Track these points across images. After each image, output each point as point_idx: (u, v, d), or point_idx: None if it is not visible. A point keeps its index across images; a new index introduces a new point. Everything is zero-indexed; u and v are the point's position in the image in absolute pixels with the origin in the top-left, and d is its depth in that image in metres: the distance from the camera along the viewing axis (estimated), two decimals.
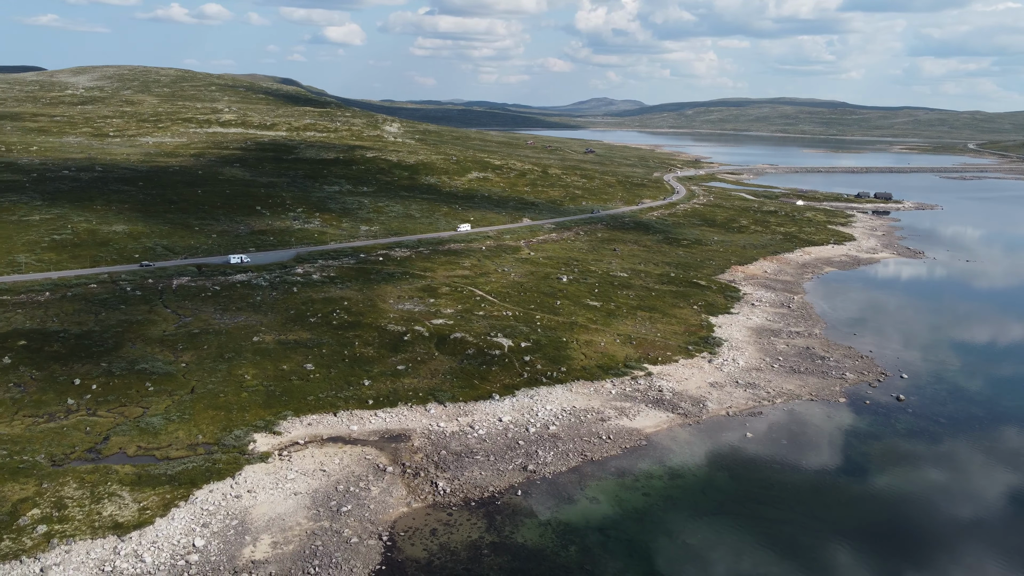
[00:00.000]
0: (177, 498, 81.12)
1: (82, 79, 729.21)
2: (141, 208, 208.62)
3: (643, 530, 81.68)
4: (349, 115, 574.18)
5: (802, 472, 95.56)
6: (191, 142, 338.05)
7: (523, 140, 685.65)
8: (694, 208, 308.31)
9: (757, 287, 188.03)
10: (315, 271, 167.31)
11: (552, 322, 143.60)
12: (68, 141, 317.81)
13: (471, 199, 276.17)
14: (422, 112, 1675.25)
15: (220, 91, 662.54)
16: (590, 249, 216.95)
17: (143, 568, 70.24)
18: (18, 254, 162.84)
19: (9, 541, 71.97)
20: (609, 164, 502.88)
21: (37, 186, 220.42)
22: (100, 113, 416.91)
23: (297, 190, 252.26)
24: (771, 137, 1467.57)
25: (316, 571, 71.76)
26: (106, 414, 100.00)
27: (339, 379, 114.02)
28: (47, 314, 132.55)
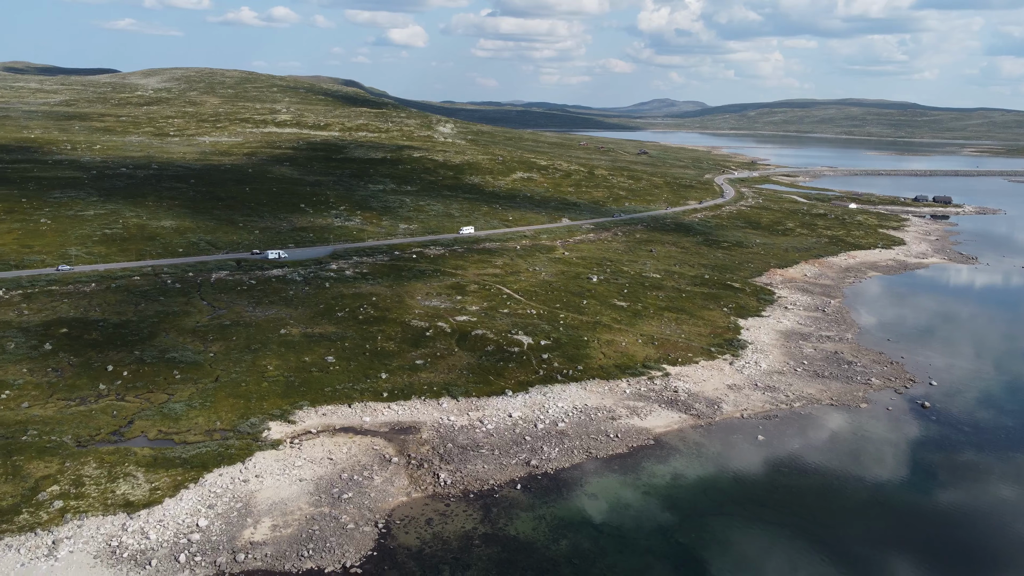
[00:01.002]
0: (188, 480, 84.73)
1: (152, 81, 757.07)
2: (190, 204, 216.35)
3: (638, 528, 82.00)
4: (404, 116, 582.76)
5: (809, 476, 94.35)
6: (246, 141, 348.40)
7: (576, 141, 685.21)
8: (740, 210, 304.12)
9: (793, 290, 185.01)
10: (349, 267, 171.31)
11: (576, 321, 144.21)
12: (130, 140, 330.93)
13: (513, 199, 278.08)
14: (480, 113, 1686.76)
15: (281, 92, 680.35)
16: (626, 250, 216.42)
17: (147, 545, 73.76)
18: (71, 247, 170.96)
19: (27, 514, 76.40)
20: (660, 165, 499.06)
21: (95, 183, 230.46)
22: (163, 113, 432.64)
23: (342, 189, 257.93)
24: (835, 139, 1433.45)
25: (310, 554, 74.27)
26: (133, 399, 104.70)
27: (358, 372, 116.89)
28: (91, 304, 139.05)
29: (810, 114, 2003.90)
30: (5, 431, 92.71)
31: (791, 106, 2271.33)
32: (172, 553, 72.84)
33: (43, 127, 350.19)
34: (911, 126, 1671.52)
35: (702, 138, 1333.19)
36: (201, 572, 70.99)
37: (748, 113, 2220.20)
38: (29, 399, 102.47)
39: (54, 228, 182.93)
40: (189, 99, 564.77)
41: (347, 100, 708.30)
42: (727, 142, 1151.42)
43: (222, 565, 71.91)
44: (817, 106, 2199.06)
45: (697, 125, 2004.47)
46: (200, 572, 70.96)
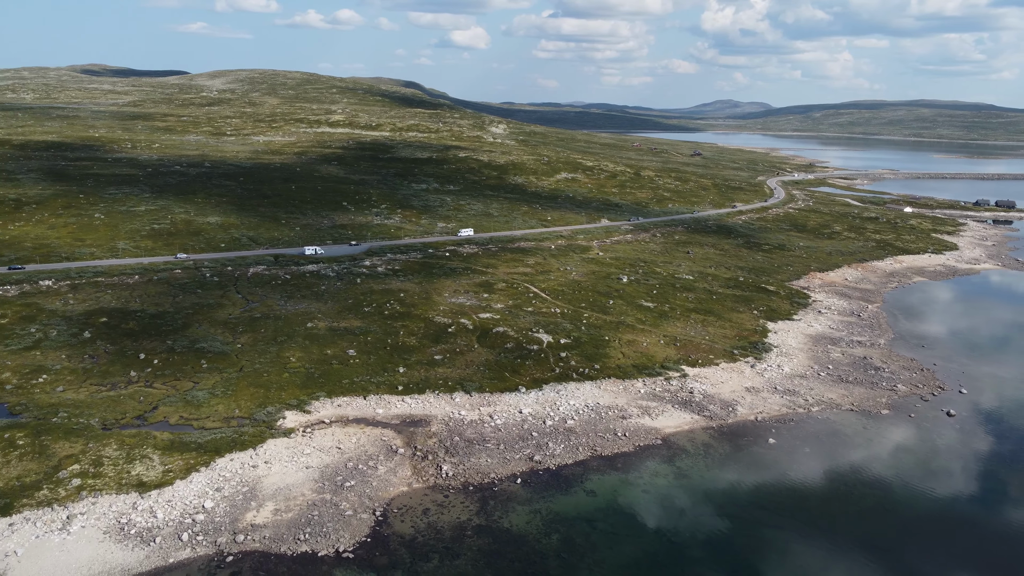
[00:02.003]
0: (200, 464, 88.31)
1: (217, 82, 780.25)
2: (237, 201, 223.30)
3: (632, 525, 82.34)
4: (457, 116, 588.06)
5: (816, 481, 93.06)
6: (298, 141, 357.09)
7: (630, 142, 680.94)
8: (787, 212, 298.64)
9: (831, 294, 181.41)
10: (381, 264, 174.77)
11: (599, 320, 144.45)
12: (188, 139, 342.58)
13: (554, 199, 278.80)
14: (538, 114, 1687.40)
15: (340, 93, 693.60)
16: (663, 251, 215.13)
17: (153, 523, 77.38)
18: (120, 241, 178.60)
19: (47, 490, 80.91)
20: (713, 167, 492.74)
21: (150, 180, 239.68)
22: (222, 114, 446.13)
23: (385, 188, 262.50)
24: (903, 142, 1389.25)
25: (306, 538, 76.85)
26: (160, 386, 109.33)
27: (376, 365, 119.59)
28: (132, 295, 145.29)
29: (878, 116, 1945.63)
30: (38, 412, 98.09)
31: (858, 107, 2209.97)
32: (176, 532, 76.28)
33: (108, 126, 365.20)
34: (985, 128, 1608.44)
35: (763, 140, 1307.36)
36: (201, 551, 74.20)
37: (813, 114, 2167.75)
38: (64, 383, 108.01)
39: (106, 223, 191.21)
40: (250, 100, 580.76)
41: (403, 101, 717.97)
42: (788, 144, 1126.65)
43: (222, 545, 75.00)
44: (886, 107, 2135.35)
45: (759, 127, 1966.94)
46: (200, 551, 74.18)
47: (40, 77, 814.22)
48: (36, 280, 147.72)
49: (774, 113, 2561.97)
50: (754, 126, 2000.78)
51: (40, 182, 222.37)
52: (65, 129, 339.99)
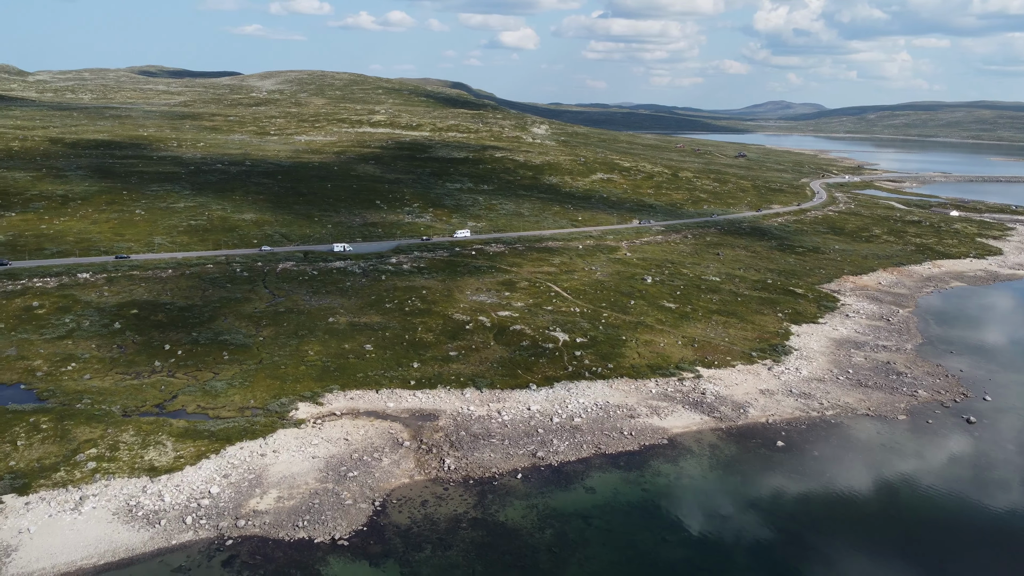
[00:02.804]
0: (210, 451, 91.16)
1: (267, 83, 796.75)
2: (273, 199, 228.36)
3: (628, 523, 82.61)
4: (500, 117, 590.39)
5: (819, 485, 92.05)
6: (339, 140, 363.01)
7: (674, 143, 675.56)
8: (826, 215, 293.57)
9: (861, 298, 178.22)
10: (407, 261, 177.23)
11: (618, 320, 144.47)
12: (232, 139, 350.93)
13: (587, 200, 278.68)
14: (584, 115, 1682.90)
15: (386, 94, 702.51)
16: (692, 252, 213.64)
17: (160, 506, 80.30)
18: (157, 236, 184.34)
19: (64, 472, 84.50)
20: (756, 169, 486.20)
21: (191, 177, 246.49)
22: (268, 114, 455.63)
23: (419, 187, 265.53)
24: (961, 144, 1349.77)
25: (304, 525, 78.94)
26: (182, 376, 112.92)
27: (392, 360, 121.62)
28: (163, 288, 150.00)
29: (935, 117, 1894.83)
30: (64, 398, 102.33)
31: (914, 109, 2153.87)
32: (181, 515, 79.05)
33: (157, 126, 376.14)
34: None
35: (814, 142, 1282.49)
36: (203, 534, 76.79)
37: (867, 116, 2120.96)
38: (91, 371, 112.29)
39: (146, 218, 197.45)
40: (297, 100, 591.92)
41: (447, 102, 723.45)
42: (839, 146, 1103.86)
43: (223, 529, 77.50)
44: (943, 109, 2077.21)
45: (811, 128, 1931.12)
46: (202, 534, 76.77)
47: (100, 79, 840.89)
48: (75, 273, 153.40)
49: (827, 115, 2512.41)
50: (806, 128, 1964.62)
51: (87, 179, 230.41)
52: (116, 128, 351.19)
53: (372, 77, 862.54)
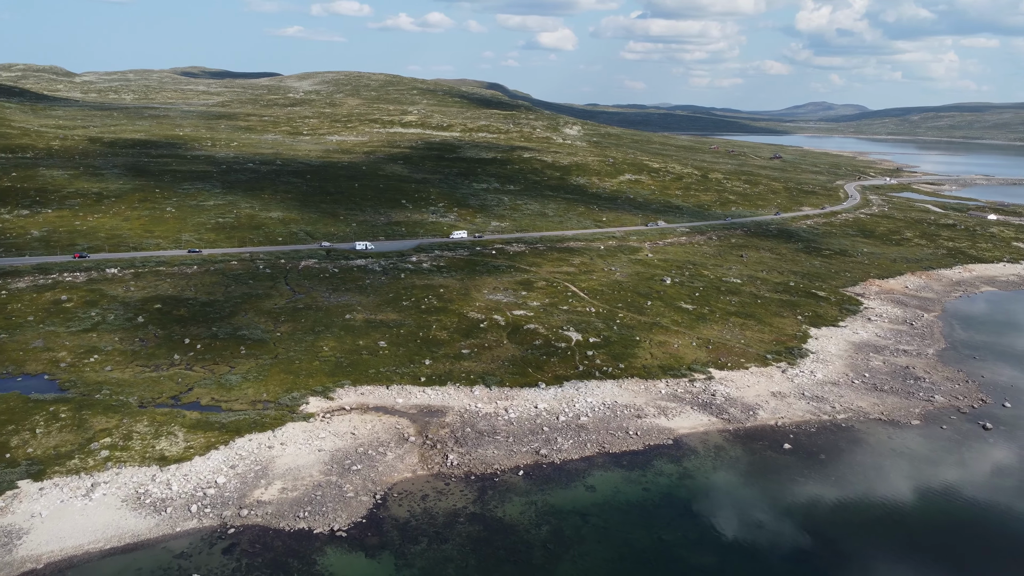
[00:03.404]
0: (220, 442, 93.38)
1: (304, 83, 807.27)
2: (300, 198, 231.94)
3: (625, 521, 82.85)
4: (532, 117, 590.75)
5: (823, 488, 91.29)
6: (369, 140, 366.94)
7: (708, 145, 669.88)
8: (857, 218, 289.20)
9: (886, 302, 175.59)
10: (427, 260, 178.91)
11: (633, 321, 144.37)
12: (266, 138, 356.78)
13: (613, 200, 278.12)
14: (621, 116, 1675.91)
15: (420, 95, 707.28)
16: (715, 254, 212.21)
17: (168, 494, 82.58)
18: (186, 233, 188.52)
19: (78, 460, 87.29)
20: (790, 171, 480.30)
21: (222, 176, 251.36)
22: (302, 114, 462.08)
23: (446, 187, 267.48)
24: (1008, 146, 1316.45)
25: (305, 516, 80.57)
26: (199, 370, 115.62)
27: (404, 357, 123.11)
28: (188, 284, 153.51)
29: (981, 119, 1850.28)
30: (84, 389, 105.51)
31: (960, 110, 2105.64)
32: (187, 503, 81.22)
33: (193, 125, 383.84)
34: None
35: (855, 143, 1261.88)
36: (207, 522, 78.82)
37: (911, 117, 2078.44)
38: (112, 363, 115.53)
39: (176, 216, 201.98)
40: (332, 100, 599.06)
41: (481, 103, 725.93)
42: (880, 148, 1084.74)
43: (226, 518, 79.47)
44: (990, 110, 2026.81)
45: (852, 130, 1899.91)
46: (206, 522, 78.80)
47: (143, 79, 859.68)
48: (103, 268, 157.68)
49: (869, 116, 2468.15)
50: (846, 129, 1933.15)
51: (122, 177, 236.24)
52: (153, 128, 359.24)
53: (407, 78, 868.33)
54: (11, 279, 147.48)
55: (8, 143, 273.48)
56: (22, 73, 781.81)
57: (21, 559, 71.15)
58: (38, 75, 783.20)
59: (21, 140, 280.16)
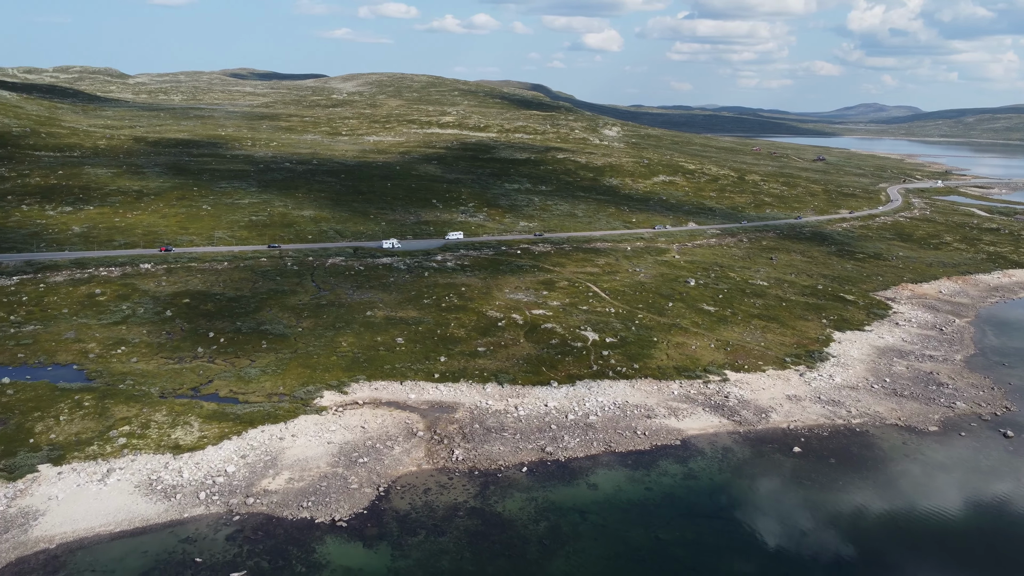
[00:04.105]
0: (233, 432, 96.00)
1: (348, 85, 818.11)
2: (333, 197, 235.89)
3: (624, 519, 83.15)
4: (572, 119, 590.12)
5: (828, 492, 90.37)
6: (406, 141, 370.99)
7: (749, 146, 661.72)
8: (896, 221, 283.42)
9: (917, 307, 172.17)
10: (452, 259, 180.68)
11: (652, 322, 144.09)
12: (305, 139, 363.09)
13: (646, 202, 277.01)
14: (665, 117, 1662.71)
15: (462, 96, 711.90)
16: (744, 256, 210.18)
17: (179, 481, 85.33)
18: (219, 230, 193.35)
19: (96, 446, 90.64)
20: (833, 173, 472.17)
21: (259, 175, 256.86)
22: (342, 115, 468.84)
23: (477, 187, 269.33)
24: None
25: (308, 506, 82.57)
26: (221, 363, 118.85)
27: (420, 354, 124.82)
28: (217, 279, 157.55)
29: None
30: (109, 379, 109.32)
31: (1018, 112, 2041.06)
32: (196, 491, 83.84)
33: (236, 126, 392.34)
34: None
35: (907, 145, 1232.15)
36: (213, 509, 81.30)
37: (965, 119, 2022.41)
38: (138, 355, 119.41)
39: (211, 213, 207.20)
40: (373, 102, 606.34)
41: (521, 104, 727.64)
42: (931, 150, 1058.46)
43: (232, 505, 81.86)
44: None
45: (903, 132, 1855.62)
46: (212, 509, 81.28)
47: (193, 81, 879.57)
48: (138, 263, 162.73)
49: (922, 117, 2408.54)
50: (897, 131, 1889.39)
51: (162, 175, 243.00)
52: (197, 128, 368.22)
53: (449, 79, 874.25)
54: (50, 273, 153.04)
55: (58, 142, 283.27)
56: (79, 75, 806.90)
57: (35, 539, 74.33)
58: (93, 77, 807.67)
59: (70, 139, 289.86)
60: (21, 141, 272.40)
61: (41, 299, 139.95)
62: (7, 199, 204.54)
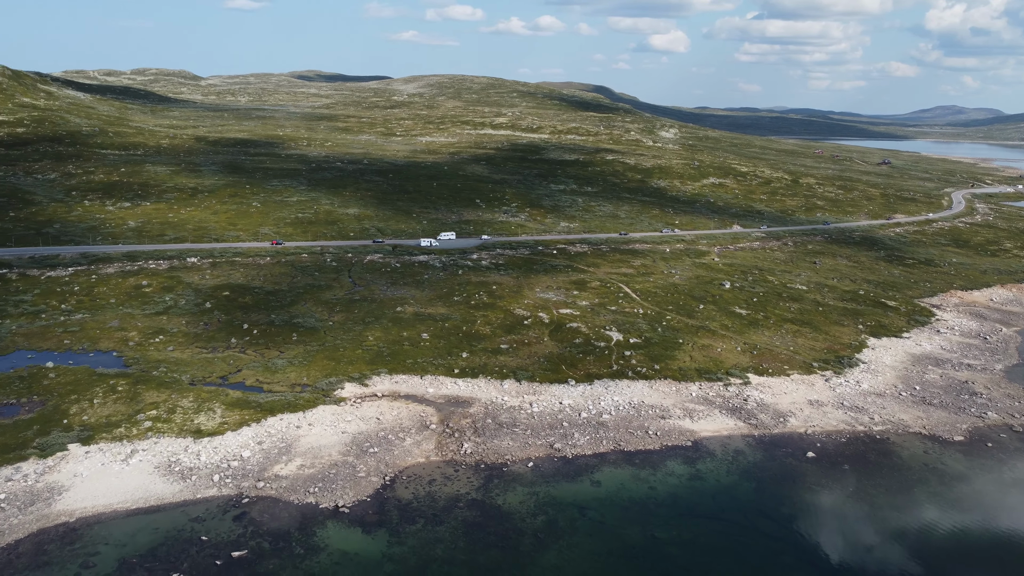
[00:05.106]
0: (252, 420, 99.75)
1: (409, 86, 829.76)
2: (378, 196, 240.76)
3: (622, 517, 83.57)
4: (629, 120, 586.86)
5: (835, 498, 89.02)
6: (458, 141, 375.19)
7: (812, 149, 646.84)
8: (954, 227, 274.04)
9: (963, 314, 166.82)
10: (487, 258, 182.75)
11: (680, 323, 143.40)
12: (359, 139, 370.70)
13: (692, 204, 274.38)
14: (730, 119, 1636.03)
15: (520, 97, 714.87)
16: (787, 260, 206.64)
17: (196, 464, 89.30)
18: (266, 227, 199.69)
19: (123, 428, 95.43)
20: (897, 177, 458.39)
21: (310, 174, 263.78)
22: (398, 116, 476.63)
23: (522, 187, 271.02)
24: None
25: (315, 491, 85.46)
26: (251, 353, 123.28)
27: (444, 349, 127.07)
28: (258, 274, 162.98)
29: None
30: (144, 365, 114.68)
31: None
32: (211, 473, 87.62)
33: (294, 126, 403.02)
34: None
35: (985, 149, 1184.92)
36: (225, 491, 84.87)
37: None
38: (175, 344, 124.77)
39: (260, 211, 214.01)
40: (432, 103, 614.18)
41: (580, 105, 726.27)
42: (1009, 154, 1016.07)
43: (244, 488, 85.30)
44: None
45: (981, 135, 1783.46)
46: (224, 491, 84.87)
47: (262, 83, 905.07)
48: (184, 257, 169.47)
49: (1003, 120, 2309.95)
50: (975, 134, 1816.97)
51: (217, 173, 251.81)
52: (257, 128, 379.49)
53: (509, 81, 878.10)
54: (102, 265, 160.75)
55: (124, 141, 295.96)
56: (154, 77, 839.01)
57: (57, 512, 78.95)
58: (168, 79, 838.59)
59: (135, 139, 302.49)
60: (90, 140, 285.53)
61: (92, 289, 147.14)
62: (72, 195, 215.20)
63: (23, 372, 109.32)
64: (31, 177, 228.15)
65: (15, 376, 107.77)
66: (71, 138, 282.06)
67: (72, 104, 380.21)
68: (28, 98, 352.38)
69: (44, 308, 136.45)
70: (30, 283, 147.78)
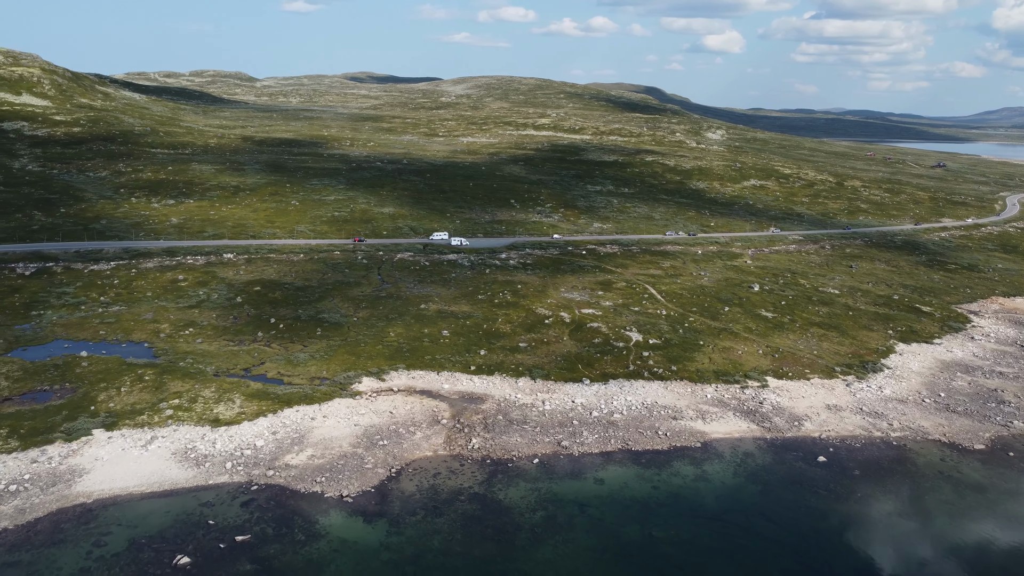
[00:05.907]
0: (269, 411, 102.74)
1: (458, 88, 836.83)
2: (415, 195, 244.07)
3: (622, 515, 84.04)
4: (675, 121, 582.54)
5: (839, 503, 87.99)
6: (499, 142, 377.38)
7: (864, 151, 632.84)
8: (1003, 231, 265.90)
9: (1001, 321, 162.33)
10: (516, 257, 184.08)
11: (703, 325, 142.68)
12: (402, 139, 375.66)
13: (730, 206, 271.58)
14: (784, 121, 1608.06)
15: (567, 98, 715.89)
16: (822, 263, 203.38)
17: (211, 451, 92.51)
18: (302, 224, 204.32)
19: (146, 415, 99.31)
20: (950, 180, 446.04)
21: (349, 174, 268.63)
22: (442, 117, 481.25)
23: (558, 188, 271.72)
24: None
25: (321, 480, 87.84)
26: (275, 347, 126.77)
27: (463, 347, 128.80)
28: (290, 270, 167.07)
29: None
30: (172, 356, 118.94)
31: None
32: (224, 461, 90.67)
33: (339, 126, 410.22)
34: None
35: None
36: (236, 478, 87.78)
37: None
38: (204, 336, 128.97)
39: (298, 209, 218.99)
40: (478, 104, 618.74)
41: (627, 106, 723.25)
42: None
43: (253, 476, 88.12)
44: None
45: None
46: (235, 478, 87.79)
47: (315, 84, 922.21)
48: (221, 253, 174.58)
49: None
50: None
51: (260, 172, 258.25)
52: (303, 128, 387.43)
53: (557, 82, 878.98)
54: (143, 260, 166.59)
55: (174, 140, 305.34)
56: (211, 79, 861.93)
57: (76, 493, 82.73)
58: (225, 80, 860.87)
59: (184, 138, 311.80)
60: (141, 139, 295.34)
61: (130, 283, 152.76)
62: (120, 192, 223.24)
63: (58, 360, 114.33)
64: (83, 175, 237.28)
65: (51, 364, 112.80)
66: (123, 137, 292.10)
67: (127, 104, 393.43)
68: (86, 99, 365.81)
69: (84, 300, 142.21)
70: (73, 276, 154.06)
